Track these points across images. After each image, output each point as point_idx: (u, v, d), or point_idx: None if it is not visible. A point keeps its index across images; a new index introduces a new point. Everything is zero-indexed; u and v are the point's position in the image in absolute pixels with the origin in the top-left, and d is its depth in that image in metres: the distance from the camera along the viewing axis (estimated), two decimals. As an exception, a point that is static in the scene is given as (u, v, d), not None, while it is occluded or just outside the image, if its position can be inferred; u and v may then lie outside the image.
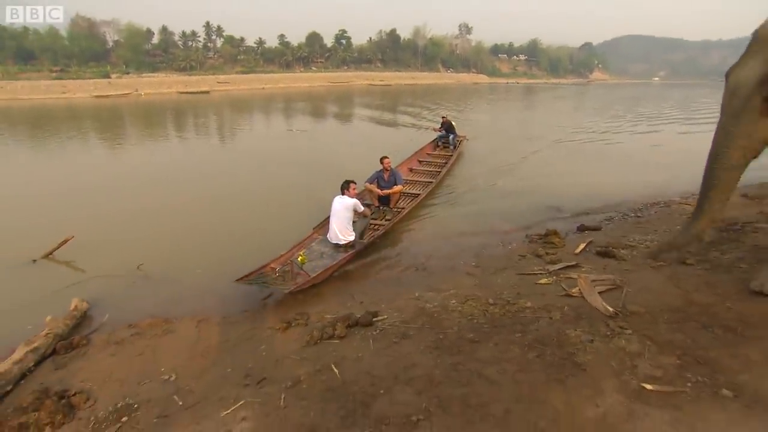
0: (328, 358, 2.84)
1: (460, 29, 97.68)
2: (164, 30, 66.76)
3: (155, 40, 66.41)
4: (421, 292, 3.98)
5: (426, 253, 5.23)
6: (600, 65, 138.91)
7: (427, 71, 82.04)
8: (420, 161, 9.54)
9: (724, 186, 2.87)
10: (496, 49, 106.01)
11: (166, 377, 2.90)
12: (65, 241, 5.16)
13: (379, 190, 6.20)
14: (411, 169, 8.79)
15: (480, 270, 4.57)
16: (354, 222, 5.10)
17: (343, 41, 78.67)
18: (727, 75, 2.88)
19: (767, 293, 3.04)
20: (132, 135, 16.30)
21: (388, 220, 5.99)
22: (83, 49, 55.41)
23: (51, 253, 5.11)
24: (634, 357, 2.46)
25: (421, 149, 10.22)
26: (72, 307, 3.84)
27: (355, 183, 5.19)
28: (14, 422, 2.50)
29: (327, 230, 5.18)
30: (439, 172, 8.40)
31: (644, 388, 2.16)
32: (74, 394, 2.77)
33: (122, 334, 3.55)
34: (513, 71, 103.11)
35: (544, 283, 3.92)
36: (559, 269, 4.23)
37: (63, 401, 2.67)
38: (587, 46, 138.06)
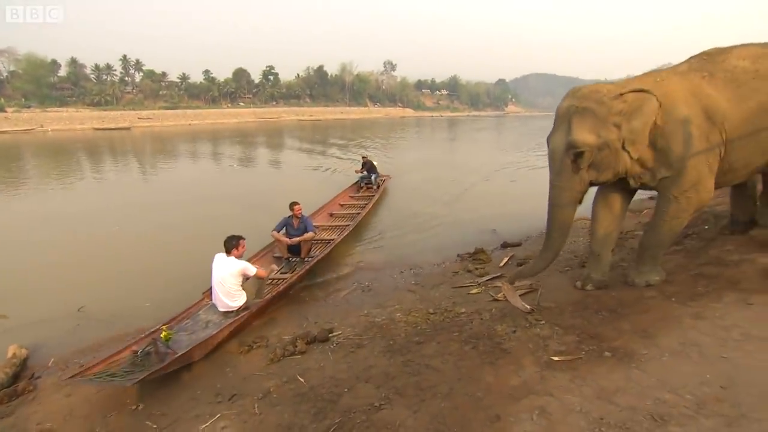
0: (293, 371, 3.13)
1: (385, 66, 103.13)
2: (73, 62, 62.30)
3: (62, 72, 61.58)
4: (369, 309, 4.39)
5: (369, 277, 5.67)
6: (513, 99, 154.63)
7: (356, 106, 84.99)
8: (341, 204, 9.11)
9: (561, 225, 3.52)
10: (420, 85, 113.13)
11: (134, 407, 2.97)
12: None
13: (287, 239, 5.71)
14: (331, 214, 8.38)
15: (419, 287, 5.10)
16: (245, 301, 4.23)
17: (271, 77, 79.13)
18: (548, 141, 3.50)
19: (586, 288, 3.88)
20: (44, 175, 15.00)
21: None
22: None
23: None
24: (546, 339, 3.08)
25: (343, 192, 9.80)
26: (10, 354, 3.68)
27: (244, 239, 4.24)
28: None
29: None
30: (360, 213, 8.08)
31: (552, 360, 2.77)
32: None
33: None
34: (437, 105, 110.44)
35: (475, 293, 4.54)
36: (487, 280, 4.90)
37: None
38: (501, 82, 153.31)
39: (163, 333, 3.61)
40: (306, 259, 5.81)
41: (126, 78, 67.83)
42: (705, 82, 3.40)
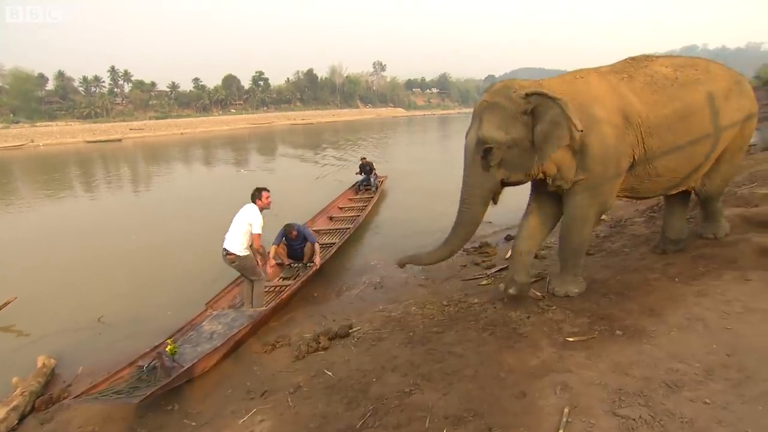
0: (319, 366, 3.27)
1: (374, 67, 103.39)
2: (61, 75, 61.87)
3: (50, 86, 61.18)
4: (384, 305, 4.53)
5: (378, 275, 5.81)
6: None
7: (347, 108, 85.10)
8: (341, 208, 9.05)
9: (468, 222, 3.44)
10: (410, 84, 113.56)
11: (169, 408, 3.10)
12: (6, 303, 4.92)
13: (278, 256, 5.66)
14: (331, 218, 8.32)
15: (430, 281, 5.26)
16: (247, 257, 4.30)
17: (261, 83, 79.11)
18: (466, 136, 3.44)
19: (509, 292, 3.69)
20: (44, 188, 14.98)
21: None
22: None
23: (-7, 317, 4.83)
24: (559, 323, 3.25)
25: (342, 195, 9.75)
26: (39, 364, 3.78)
27: (267, 191, 4.47)
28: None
29: (221, 304, 4.66)
30: (359, 215, 8.03)
31: (568, 340, 2.93)
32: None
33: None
34: (428, 103, 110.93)
35: (485, 284, 4.70)
36: (495, 272, 5.07)
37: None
38: (491, 77, 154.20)
39: (169, 346, 3.58)
40: (308, 264, 5.80)
41: (115, 89, 67.53)
42: (623, 84, 3.35)
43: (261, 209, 4.38)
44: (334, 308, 4.77)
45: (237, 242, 4.25)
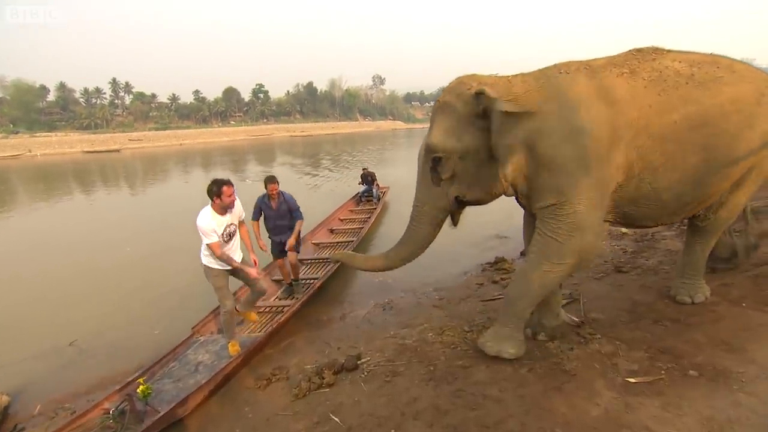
0: (324, 408, 2.72)
1: (373, 80, 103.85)
2: (62, 87, 61.90)
3: (51, 97, 61.17)
4: (395, 330, 3.98)
5: (387, 294, 5.26)
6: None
7: (346, 120, 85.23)
8: (341, 219, 8.57)
9: (411, 243, 2.98)
10: (409, 98, 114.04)
11: (139, 462, 2.53)
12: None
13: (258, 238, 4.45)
14: (331, 230, 7.85)
15: (445, 301, 4.71)
16: (205, 269, 3.55)
17: (261, 95, 79.20)
18: None
19: (538, 338, 3.13)
20: (34, 199, 14.45)
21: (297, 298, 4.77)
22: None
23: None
24: (611, 357, 2.72)
25: (343, 206, 9.22)
26: (-11, 403, 3.20)
27: (231, 185, 3.42)
28: None
29: (210, 328, 4.15)
30: (362, 228, 7.59)
31: (629, 381, 2.40)
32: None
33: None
34: (427, 116, 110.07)
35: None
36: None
37: None
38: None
39: (141, 387, 2.96)
40: (308, 280, 5.18)
41: (116, 101, 67.43)
42: (619, 82, 2.60)
43: (223, 209, 3.39)
44: (338, 333, 4.21)
45: (202, 252, 3.51)
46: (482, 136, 2.62)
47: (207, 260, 3.50)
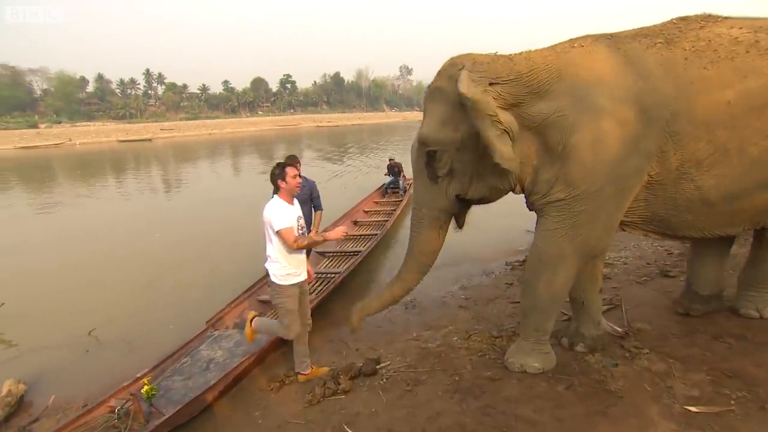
0: (338, 418, 2.50)
1: (401, 71, 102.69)
2: (100, 78, 64.37)
3: (90, 88, 63.74)
4: (418, 332, 3.74)
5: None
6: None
7: (373, 111, 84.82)
8: (366, 211, 8.24)
9: (416, 252, 2.62)
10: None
11: (143, 467, 2.40)
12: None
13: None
14: (355, 222, 7.53)
15: (472, 302, 4.42)
16: (277, 288, 2.91)
17: (288, 85, 79.74)
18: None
19: (576, 349, 2.82)
20: (72, 186, 14.96)
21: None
22: (5, 99, 51.20)
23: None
24: (665, 377, 2.38)
25: (368, 197, 8.88)
26: (4, 391, 3.16)
27: (294, 167, 2.96)
28: None
29: (225, 322, 3.91)
30: (387, 221, 7.21)
31: (689, 410, 2.06)
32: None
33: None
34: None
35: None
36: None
37: None
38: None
39: (145, 387, 2.74)
40: (329, 275, 4.86)
41: (149, 91, 69.53)
42: (651, 54, 2.17)
43: (290, 195, 2.92)
44: (358, 333, 3.95)
45: (270, 258, 2.90)
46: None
47: (280, 276, 2.86)
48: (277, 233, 2.76)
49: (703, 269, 3.02)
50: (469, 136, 2.23)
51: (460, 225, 2.70)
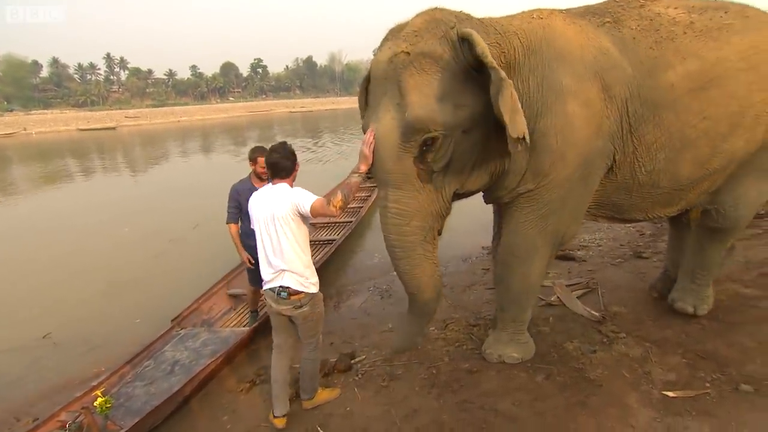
0: (311, 419, 2.38)
1: (374, 53, 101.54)
2: (55, 62, 60.64)
3: (44, 73, 60.02)
4: (394, 323, 3.64)
5: (386, 279, 4.89)
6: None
7: (347, 95, 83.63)
8: None
9: (419, 283, 2.08)
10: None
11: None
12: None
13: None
14: None
15: (448, 289, 4.33)
16: (315, 298, 2.26)
17: (260, 70, 77.60)
18: (364, 128, 2.20)
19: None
20: (26, 179, 14.03)
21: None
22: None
23: None
24: (642, 362, 2.36)
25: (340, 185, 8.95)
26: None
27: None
28: None
29: (192, 320, 3.53)
30: (362, 207, 6.96)
31: (666, 396, 2.04)
32: None
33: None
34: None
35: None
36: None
37: None
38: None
39: (99, 400, 2.46)
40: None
41: (111, 77, 66.20)
42: (603, 32, 2.08)
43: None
44: (331, 325, 3.84)
45: (297, 263, 2.13)
46: (485, 96, 1.80)
47: (313, 283, 2.21)
48: (312, 210, 2.04)
49: (682, 258, 2.93)
50: (478, 112, 1.85)
51: (439, 232, 2.18)
